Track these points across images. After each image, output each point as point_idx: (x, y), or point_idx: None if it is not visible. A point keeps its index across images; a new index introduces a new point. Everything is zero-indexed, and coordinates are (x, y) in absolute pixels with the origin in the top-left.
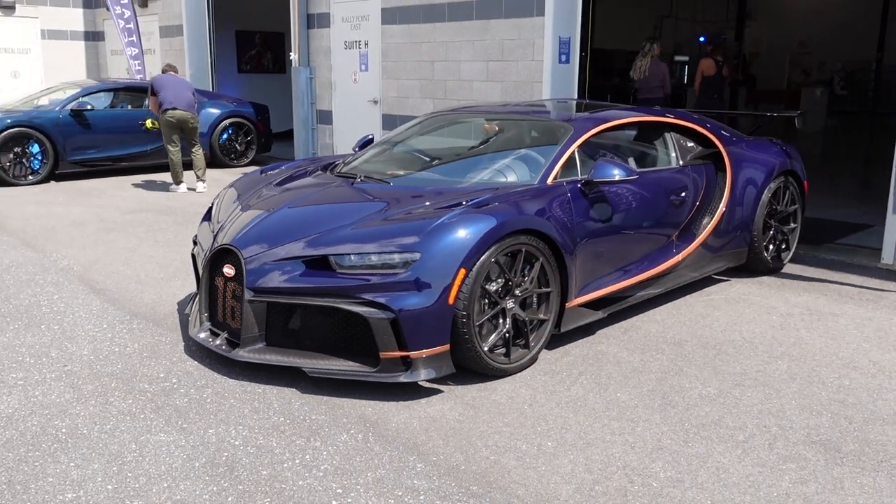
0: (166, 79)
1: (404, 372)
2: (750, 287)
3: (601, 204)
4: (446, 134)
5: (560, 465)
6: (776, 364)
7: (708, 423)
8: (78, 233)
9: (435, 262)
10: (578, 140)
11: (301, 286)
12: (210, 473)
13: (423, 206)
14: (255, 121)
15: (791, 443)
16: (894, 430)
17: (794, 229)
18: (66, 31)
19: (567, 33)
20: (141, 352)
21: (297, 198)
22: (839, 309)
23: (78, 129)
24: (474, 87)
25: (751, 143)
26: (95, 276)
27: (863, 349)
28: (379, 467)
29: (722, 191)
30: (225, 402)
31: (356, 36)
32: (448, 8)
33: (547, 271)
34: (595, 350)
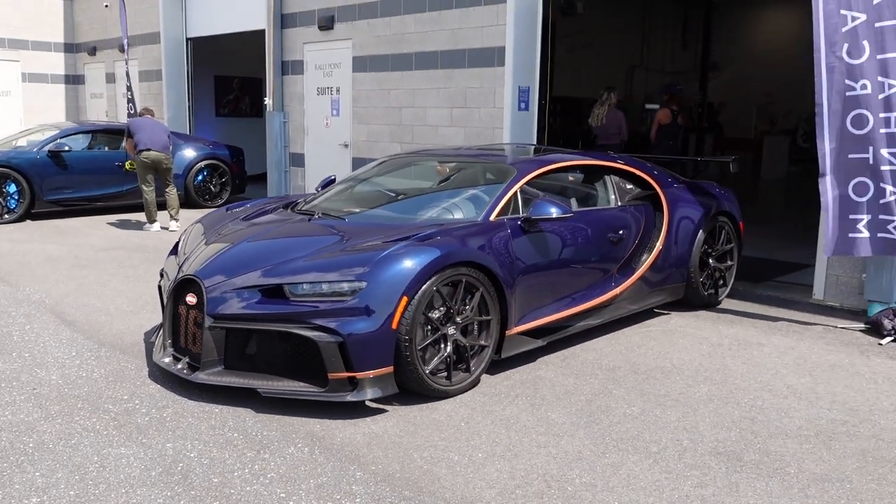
0: (142, 122)
1: (351, 392)
2: (687, 320)
3: (539, 240)
4: (403, 175)
5: (487, 473)
6: (698, 387)
7: (627, 437)
8: (51, 269)
9: (379, 290)
10: (521, 181)
11: (257, 313)
12: (165, 481)
13: (372, 239)
14: (230, 163)
15: (698, 454)
16: (794, 443)
17: (730, 267)
18: (47, 74)
19: (526, 83)
20: (107, 377)
21: (257, 232)
22: (766, 339)
23: (55, 169)
24: (439, 132)
25: (688, 185)
26: (66, 309)
27: (780, 374)
28: (321, 475)
29: (659, 229)
30: (183, 421)
31: (328, 82)
32: (415, 57)
33: (487, 301)
34: (534, 375)
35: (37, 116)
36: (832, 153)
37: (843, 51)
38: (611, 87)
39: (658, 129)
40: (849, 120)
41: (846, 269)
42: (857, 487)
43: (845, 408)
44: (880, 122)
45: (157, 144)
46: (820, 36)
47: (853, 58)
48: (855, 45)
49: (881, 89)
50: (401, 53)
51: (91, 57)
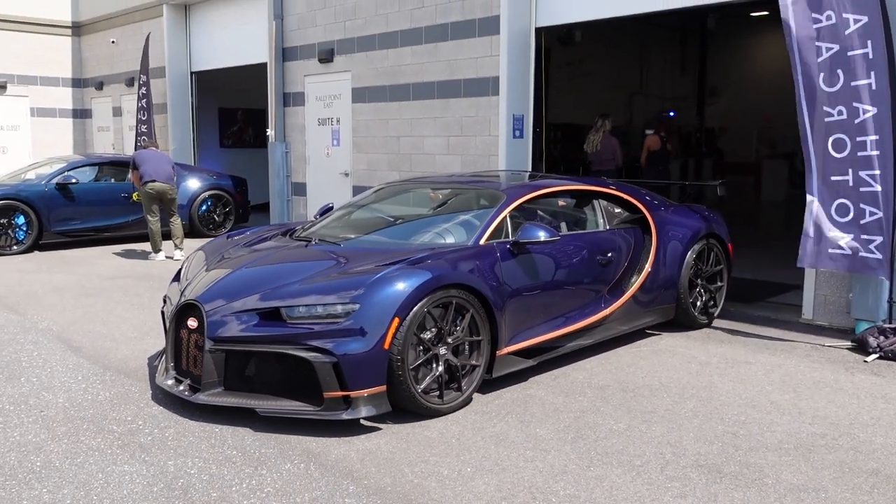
0: (146, 154)
1: (346, 410)
2: (677, 340)
3: (528, 262)
4: (398, 202)
5: (475, 486)
6: (684, 404)
7: (612, 451)
8: (58, 297)
9: (372, 311)
10: (510, 206)
11: (255, 335)
12: (166, 496)
13: (366, 263)
14: (234, 193)
15: (680, 466)
16: (774, 456)
17: (720, 287)
18: (55, 108)
19: (521, 111)
20: (112, 399)
21: (256, 258)
22: (753, 358)
23: (62, 201)
24: (437, 161)
25: (677, 209)
26: (73, 336)
27: (765, 391)
28: (315, 489)
29: (648, 252)
30: (185, 440)
31: (328, 113)
32: (413, 88)
33: (477, 321)
34: (525, 394)
35: (45, 150)
36: (817, 175)
37: (820, 79)
38: (605, 115)
39: (648, 155)
40: (830, 144)
41: (833, 288)
42: (832, 497)
43: (826, 422)
44: (857, 146)
45: (162, 176)
46: (797, 67)
47: (829, 86)
48: (830, 74)
49: (856, 115)
50: (398, 84)
51: (98, 91)
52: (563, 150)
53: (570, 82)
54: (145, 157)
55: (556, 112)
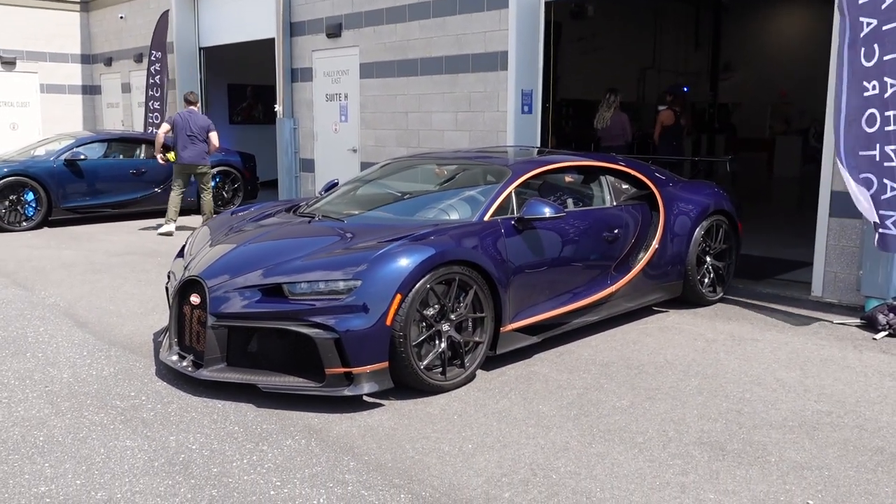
0: (182, 122)
1: (347, 386)
2: (684, 317)
3: (533, 239)
4: (403, 178)
5: (475, 462)
6: (689, 381)
7: (614, 428)
8: (66, 273)
9: (374, 288)
10: (515, 182)
11: (257, 311)
12: (167, 471)
13: (369, 239)
14: (242, 169)
15: (683, 444)
16: (778, 434)
17: (728, 264)
18: (65, 85)
19: (529, 86)
20: (116, 375)
21: (259, 234)
22: (761, 335)
23: (71, 177)
24: (445, 136)
25: (685, 185)
26: (80, 311)
27: (771, 369)
28: (316, 465)
29: (656, 228)
30: (187, 415)
31: (336, 89)
32: (420, 63)
33: (480, 298)
34: (528, 370)
35: (55, 126)
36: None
37: (861, 55)
38: (614, 90)
39: (661, 130)
40: (864, 119)
41: (844, 265)
42: (835, 475)
43: (832, 400)
44: (885, 120)
45: (188, 155)
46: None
47: (867, 60)
48: (869, 49)
49: (885, 89)
50: (406, 59)
51: (107, 67)
52: (575, 126)
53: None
54: (179, 126)
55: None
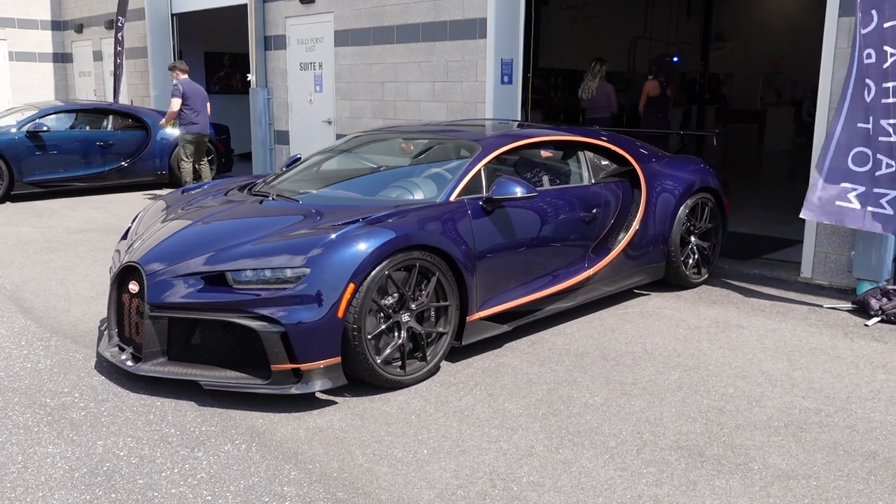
0: (193, 89)
1: (296, 384)
2: (667, 301)
3: (503, 220)
4: (368, 153)
5: (430, 471)
6: (668, 374)
7: (584, 430)
8: (19, 253)
9: (324, 277)
10: (485, 159)
11: (199, 301)
12: (87, 483)
13: (322, 222)
14: (215, 141)
15: (659, 448)
16: (762, 435)
17: (714, 245)
18: (35, 52)
19: (509, 55)
20: (51, 368)
21: (206, 215)
22: (747, 321)
23: (34, 150)
24: (422, 107)
25: (669, 160)
26: (26, 295)
27: (757, 359)
28: (254, 475)
29: (637, 207)
30: (121, 415)
31: (311, 58)
32: (397, 30)
33: (444, 286)
34: (497, 362)
35: (25, 96)
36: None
37: (859, 20)
38: (600, 59)
39: (646, 102)
40: (865, 90)
41: (835, 245)
42: (823, 485)
43: (821, 395)
44: (882, 92)
45: (206, 125)
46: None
47: (864, 27)
48: (866, 13)
49: (884, 58)
50: (382, 26)
51: (78, 35)
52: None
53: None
54: (193, 96)
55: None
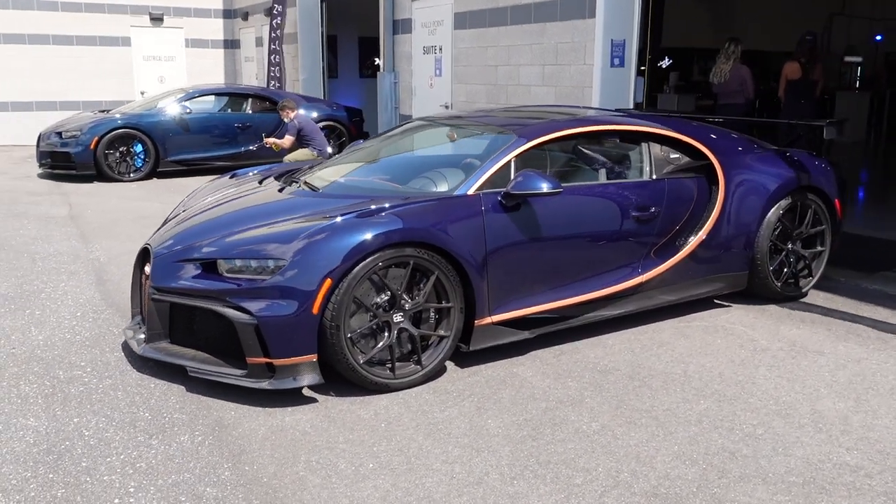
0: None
1: (269, 379)
2: (745, 316)
3: (525, 218)
4: (417, 140)
5: (360, 489)
6: (695, 404)
7: (556, 461)
8: (134, 227)
9: (298, 270)
10: (516, 150)
11: (192, 287)
12: (37, 460)
13: (320, 213)
14: (347, 124)
15: (629, 493)
16: (765, 492)
17: (819, 253)
18: (208, 39)
19: (621, 36)
20: (84, 341)
21: (223, 201)
22: (830, 347)
23: (177, 130)
24: (532, 92)
25: (764, 155)
26: (111, 269)
27: (815, 395)
28: (188, 471)
29: (713, 207)
30: (111, 394)
31: (433, 41)
32: (510, 11)
33: (445, 286)
34: (508, 371)
35: (198, 79)
36: None
37: None
38: (735, 39)
39: (786, 86)
40: None
41: None
42: None
43: (873, 449)
44: None
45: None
46: None
47: None
48: None
49: None
50: (497, 7)
51: (244, 22)
52: None
53: (757, 2)
54: (312, 132)
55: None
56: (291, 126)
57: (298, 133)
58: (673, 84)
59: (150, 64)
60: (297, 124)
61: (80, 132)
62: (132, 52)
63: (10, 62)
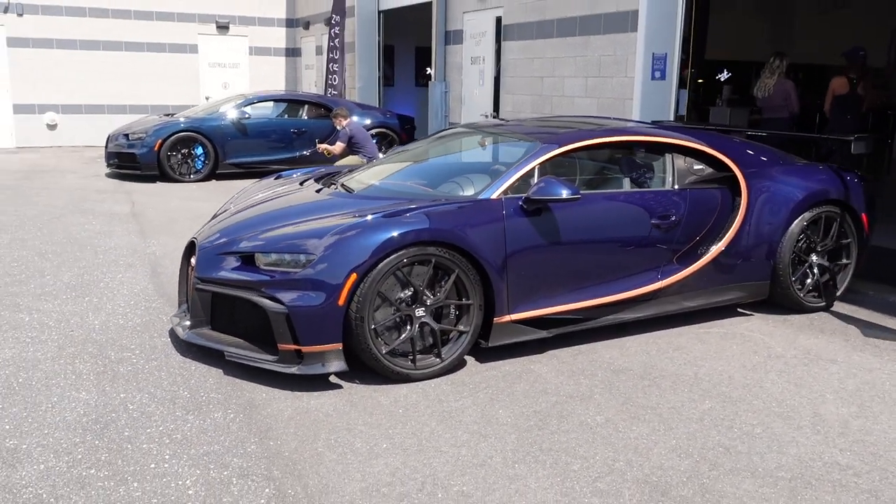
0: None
1: (298, 364)
2: (765, 324)
3: (545, 223)
4: (451, 147)
5: (373, 466)
6: (699, 403)
7: (558, 448)
8: (190, 225)
9: (327, 264)
10: (541, 158)
11: (231, 278)
12: (85, 428)
13: (352, 212)
14: (399, 131)
15: (622, 479)
16: (752, 485)
17: (845, 266)
18: (270, 47)
19: (663, 49)
20: (136, 326)
21: (267, 200)
22: (844, 357)
23: (236, 134)
24: (575, 103)
25: (790, 168)
26: (166, 262)
27: (819, 400)
28: (217, 443)
29: (735, 217)
30: (156, 374)
31: (478, 52)
32: (556, 24)
33: (466, 284)
34: (525, 367)
35: (261, 86)
36: None
37: None
38: (780, 53)
39: (833, 101)
40: None
41: None
42: None
43: (866, 451)
44: None
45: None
46: None
47: None
48: None
49: None
50: (544, 20)
51: (305, 31)
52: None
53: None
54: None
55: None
56: (343, 133)
57: (350, 140)
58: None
59: (216, 70)
60: (348, 132)
61: (145, 134)
62: (199, 59)
63: (86, 66)
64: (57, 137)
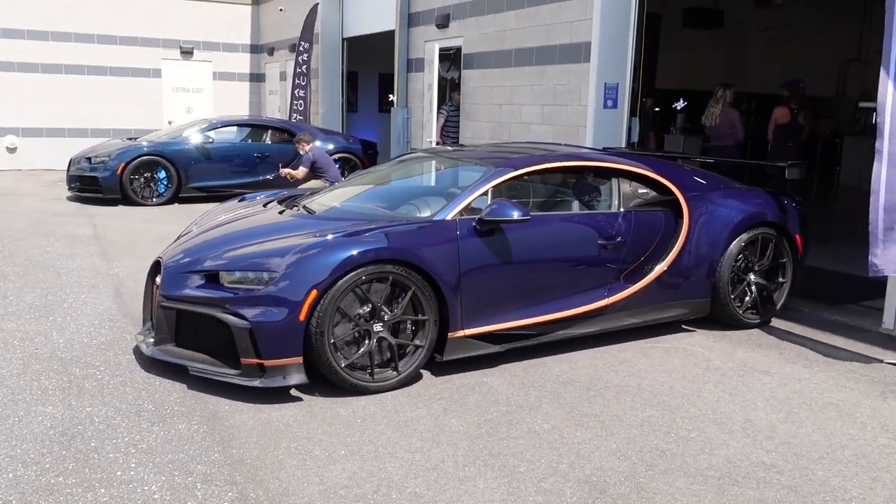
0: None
1: (260, 378)
2: (706, 340)
3: (497, 243)
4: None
5: (331, 470)
6: (640, 411)
7: (506, 453)
8: (153, 247)
9: (288, 282)
10: (493, 182)
11: (195, 295)
12: (52, 440)
13: (313, 232)
14: (362, 156)
15: (565, 479)
16: (683, 483)
17: (781, 285)
18: (235, 73)
19: (615, 79)
20: (101, 344)
21: (230, 221)
22: (777, 369)
23: (199, 159)
24: (532, 130)
25: (729, 192)
26: (129, 283)
27: (751, 408)
28: (182, 452)
29: (677, 238)
30: (121, 389)
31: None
32: (514, 54)
33: (421, 300)
34: (478, 381)
35: (224, 111)
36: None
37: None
38: (726, 84)
39: (776, 130)
40: None
41: None
42: None
43: (790, 452)
44: None
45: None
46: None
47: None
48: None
49: None
50: (502, 50)
51: (270, 57)
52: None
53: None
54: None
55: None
56: (306, 158)
57: (312, 165)
58: (680, 125)
59: (179, 95)
60: (311, 157)
61: (108, 158)
62: (162, 83)
63: (48, 90)
64: (16, 160)
